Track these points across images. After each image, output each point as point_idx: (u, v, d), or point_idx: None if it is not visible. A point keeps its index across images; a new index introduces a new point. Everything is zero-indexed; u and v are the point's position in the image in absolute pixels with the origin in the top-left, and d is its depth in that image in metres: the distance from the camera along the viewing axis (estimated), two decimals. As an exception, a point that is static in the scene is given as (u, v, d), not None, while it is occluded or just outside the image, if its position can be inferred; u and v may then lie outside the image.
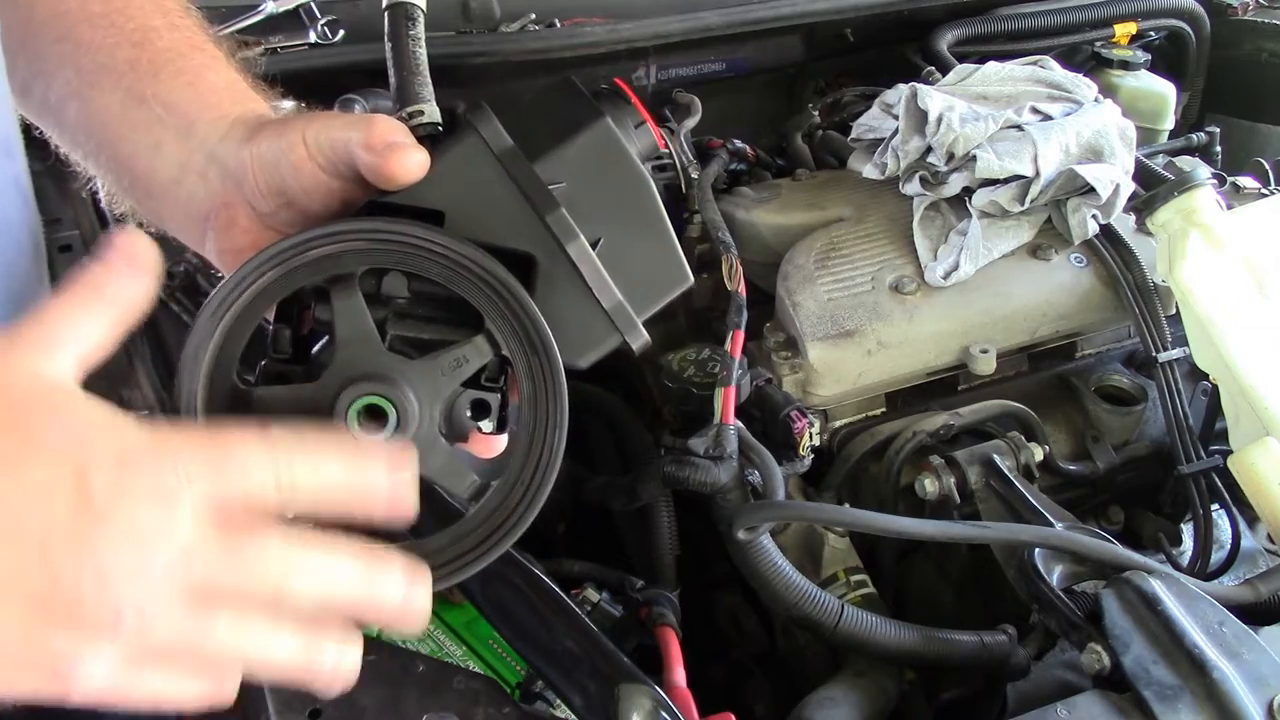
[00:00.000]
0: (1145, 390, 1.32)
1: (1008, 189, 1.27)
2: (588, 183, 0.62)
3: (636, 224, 0.63)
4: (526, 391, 0.61)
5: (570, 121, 0.62)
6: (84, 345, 0.53)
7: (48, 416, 0.48)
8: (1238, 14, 1.86)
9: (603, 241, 0.62)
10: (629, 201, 0.63)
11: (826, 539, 1.13)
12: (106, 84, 0.72)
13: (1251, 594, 1.00)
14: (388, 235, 0.59)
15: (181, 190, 0.70)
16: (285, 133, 0.65)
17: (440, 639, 1.09)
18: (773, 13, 1.62)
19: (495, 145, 0.61)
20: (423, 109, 0.66)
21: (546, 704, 0.95)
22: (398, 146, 0.61)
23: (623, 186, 0.63)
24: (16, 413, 0.47)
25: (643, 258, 0.64)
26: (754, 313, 1.18)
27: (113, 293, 0.54)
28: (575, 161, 0.62)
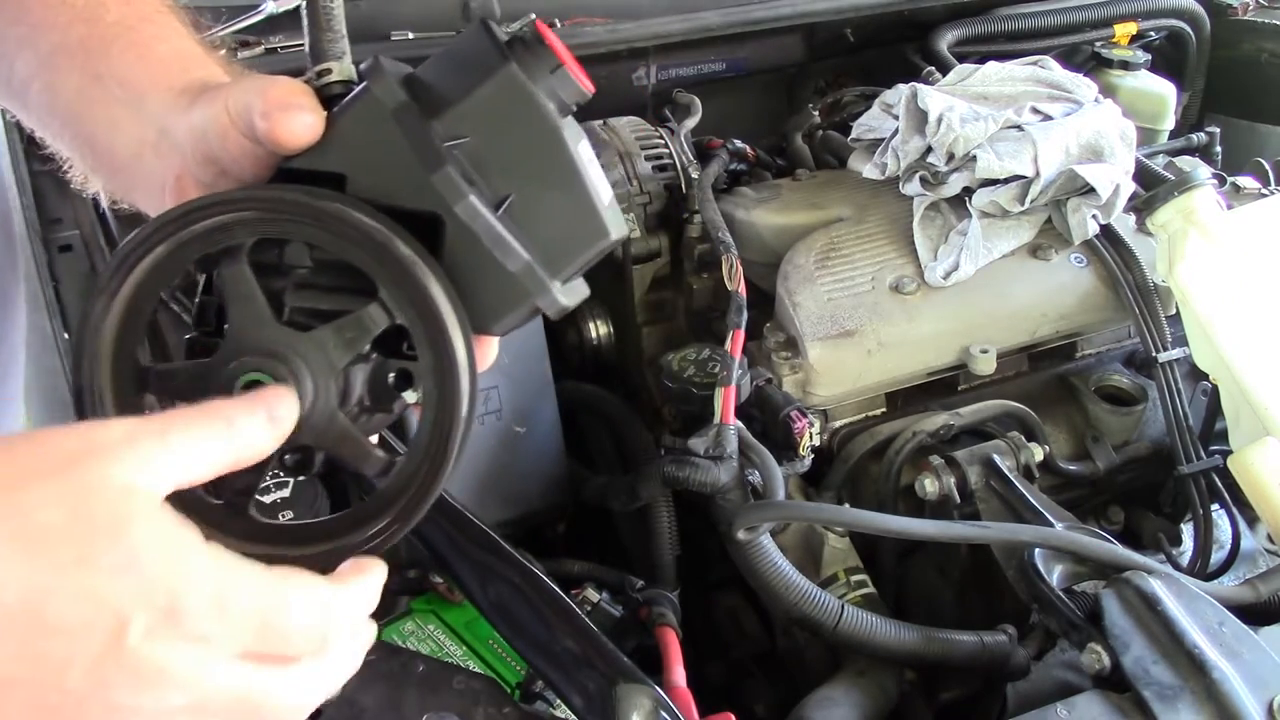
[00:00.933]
0: (1145, 390, 1.32)
1: (1008, 189, 1.27)
2: (494, 136, 0.58)
3: (548, 178, 0.59)
4: (426, 361, 0.58)
5: (476, 70, 0.58)
6: (190, 474, 0.51)
7: (112, 543, 0.46)
8: (1238, 14, 1.86)
9: (513, 198, 0.59)
10: (539, 154, 0.59)
11: (826, 539, 1.13)
12: (63, 64, 0.71)
13: (1251, 594, 1.00)
14: (268, 203, 0.57)
15: (141, 165, 0.69)
16: (214, 100, 0.64)
17: (440, 639, 1.09)
18: (773, 13, 1.62)
19: (390, 101, 0.58)
20: (331, 67, 0.62)
21: (546, 704, 0.95)
22: (286, 109, 0.59)
23: (531, 139, 0.58)
24: (84, 526, 0.46)
25: (558, 213, 0.60)
26: (754, 313, 1.18)
27: (243, 433, 0.53)
28: (479, 114, 0.58)
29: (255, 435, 0.53)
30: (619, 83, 1.64)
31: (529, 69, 0.58)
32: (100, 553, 0.46)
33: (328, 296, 0.60)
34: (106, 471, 0.47)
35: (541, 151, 0.59)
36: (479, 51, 0.59)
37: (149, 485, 0.48)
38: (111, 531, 0.46)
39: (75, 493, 0.46)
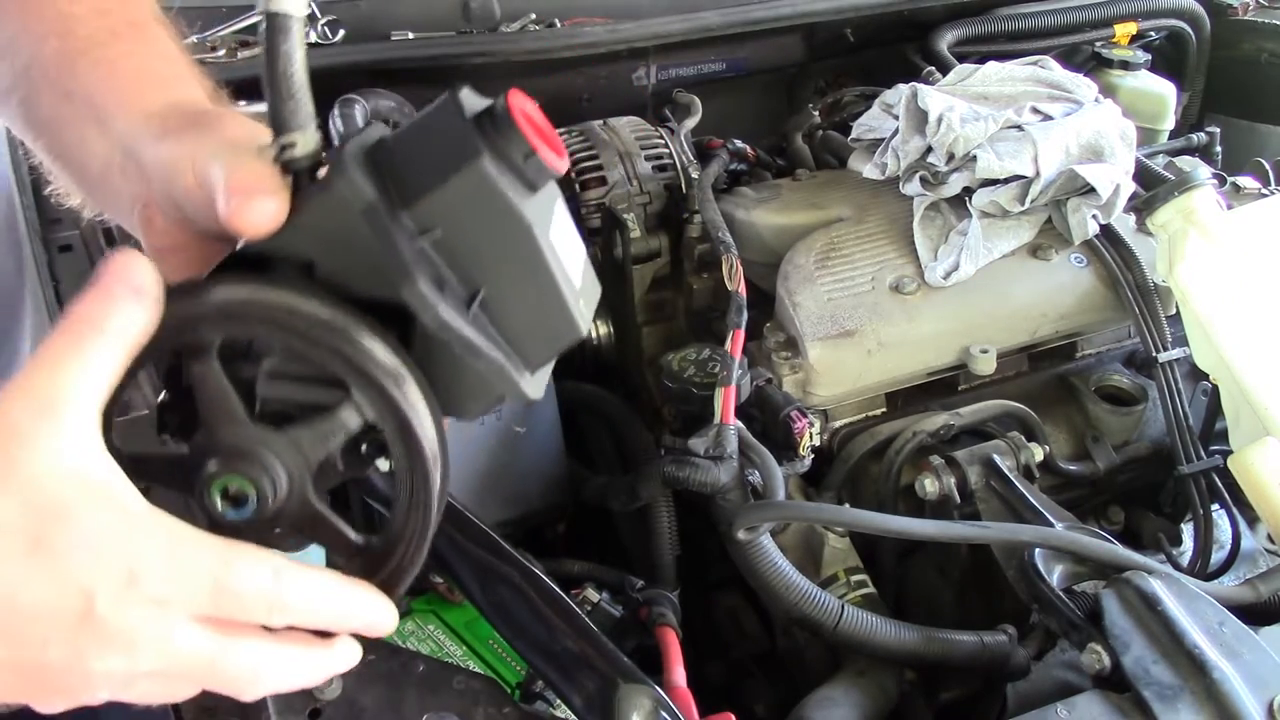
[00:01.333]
0: (1145, 390, 1.32)
1: (1008, 189, 1.27)
2: (465, 228, 0.57)
3: (520, 273, 0.58)
4: (397, 458, 0.58)
5: (446, 158, 0.56)
6: (94, 394, 0.52)
7: (64, 525, 0.49)
8: (1238, 14, 1.86)
9: (484, 293, 0.58)
10: (511, 250, 0.57)
11: (826, 539, 1.13)
12: (37, 78, 0.70)
13: (1251, 594, 1.00)
14: (236, 306, 0.56)
15: (109, 186, 0.68)
16: (181, 144, 0.62)
17: (440, 639, 1.09)
18: (773, 13, 1.62)
19: (356, 202, 0.55)
20: (295, 140, 0.57)
21: (546, 704, 0.95)
22: (249, 196, 0.56)
23: (503, 235, 0.57)
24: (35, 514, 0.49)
25: (530, 308, 0.59)
26: (754, 313, 1.18)
27: (112, 324, 0.53)
28: (450, 206, 0.56)
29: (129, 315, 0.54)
30: (619, 83, 1.64)
31: (500, 156, 0.56)
32: (55, 536, 0.49)
33: (301, 387, 0.59)
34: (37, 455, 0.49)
35: (513, 248, 0.57)
36: (450, 135, 0.57)
37: (79, 450, 0.50)
38: (61, 514, 0.49)
39: (19, 485, 0.48)
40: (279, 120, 0.57)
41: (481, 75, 1.53)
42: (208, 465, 0.57)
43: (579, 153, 1.44)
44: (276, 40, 0.55)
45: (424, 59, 1.48)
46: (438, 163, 0.56)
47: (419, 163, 0.57)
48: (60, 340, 0.52)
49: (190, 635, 0.53)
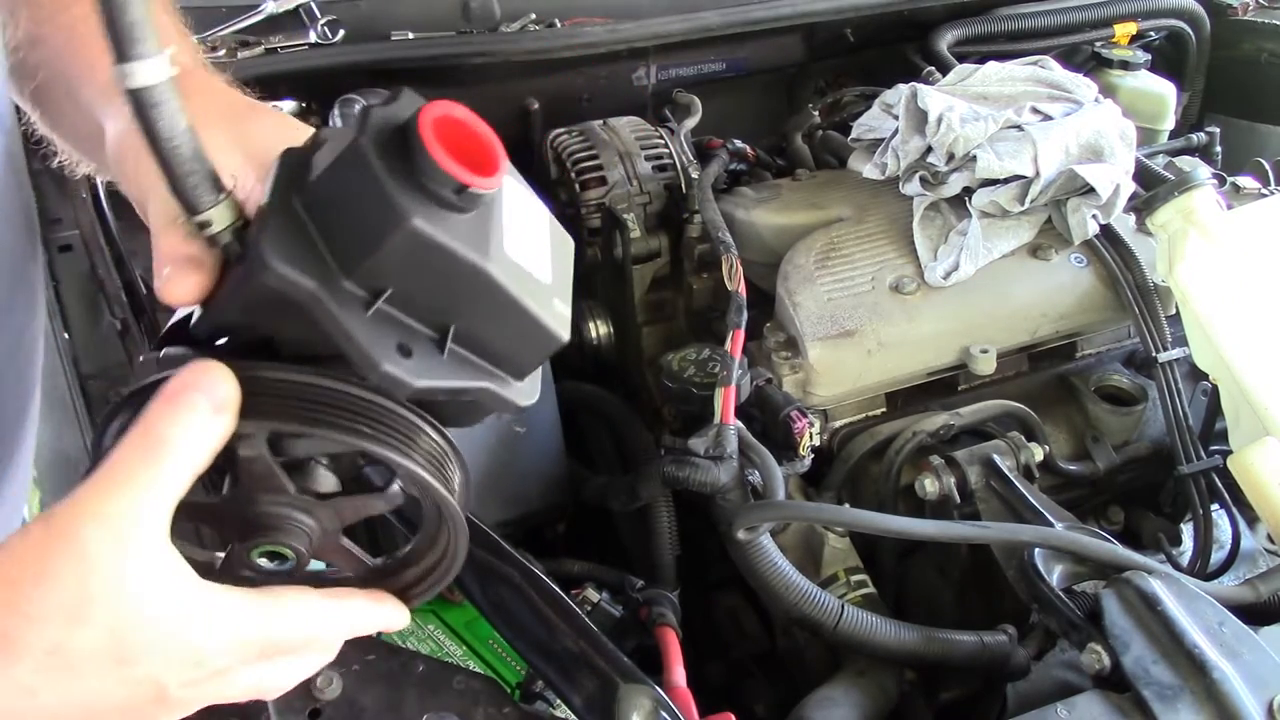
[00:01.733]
0: (1145, 390, 1.32)
1: (1008, 189, 1.27)
2: (414, 279, 0.53)
3: (482, 305, 0.56)
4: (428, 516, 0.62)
5: (373, 220, 0.51)
6: (167, 511, 0.53)
7: (139, 632, 0.52)
8: (1238, 14, 1.86)
9: (454, 327, 0.56)
10: (464, 287, 0.54)
11: (826, 539, 1.13)
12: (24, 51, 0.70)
13: (1251, 594, 1.00)
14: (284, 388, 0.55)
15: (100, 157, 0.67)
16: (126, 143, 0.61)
17: (440, 639, 1.09)
18: (773, 13, 1.62)
19: (294, 292, 0.51)
20: (210, 218, 0.53)
21: (546, 704, 0.95)
22: (170, 276, 0.56)
23: (452, 276, 0.54)
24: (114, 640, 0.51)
25: (504, 330, 0.58)
26: (754, 313, 1.18)
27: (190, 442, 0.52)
28: (391, 264, 0.52)
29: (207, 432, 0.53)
30: (619, 83, 1.64)
31: (430, 200, 0.51)
32: (131, 645, 0.52)
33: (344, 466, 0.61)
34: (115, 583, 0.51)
35: (468, 285, 0.54)
36: (371, 194, 0.51)
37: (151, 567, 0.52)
38: (135, 622, 0.51)
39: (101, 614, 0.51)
40: (185, 202, 0.53)
41: (481, 75, 1.53)
42: (250, 535, 0.59)
43: (579, 153, 1.44)
44: (150, 117, 0.49)
45: (424, 59, 1.48)
46: (366, 225, 0.52)
47: (346, 223, 0.52)
48: (136, 458, 0.52)
49: (245, 679, 0.58)
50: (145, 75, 0.48)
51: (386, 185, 0.50)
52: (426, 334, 0.55)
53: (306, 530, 0.59)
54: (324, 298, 0.51)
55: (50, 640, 0.50)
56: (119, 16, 0.47)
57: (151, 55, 0.48)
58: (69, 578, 0.50)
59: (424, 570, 0.65)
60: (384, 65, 1.46)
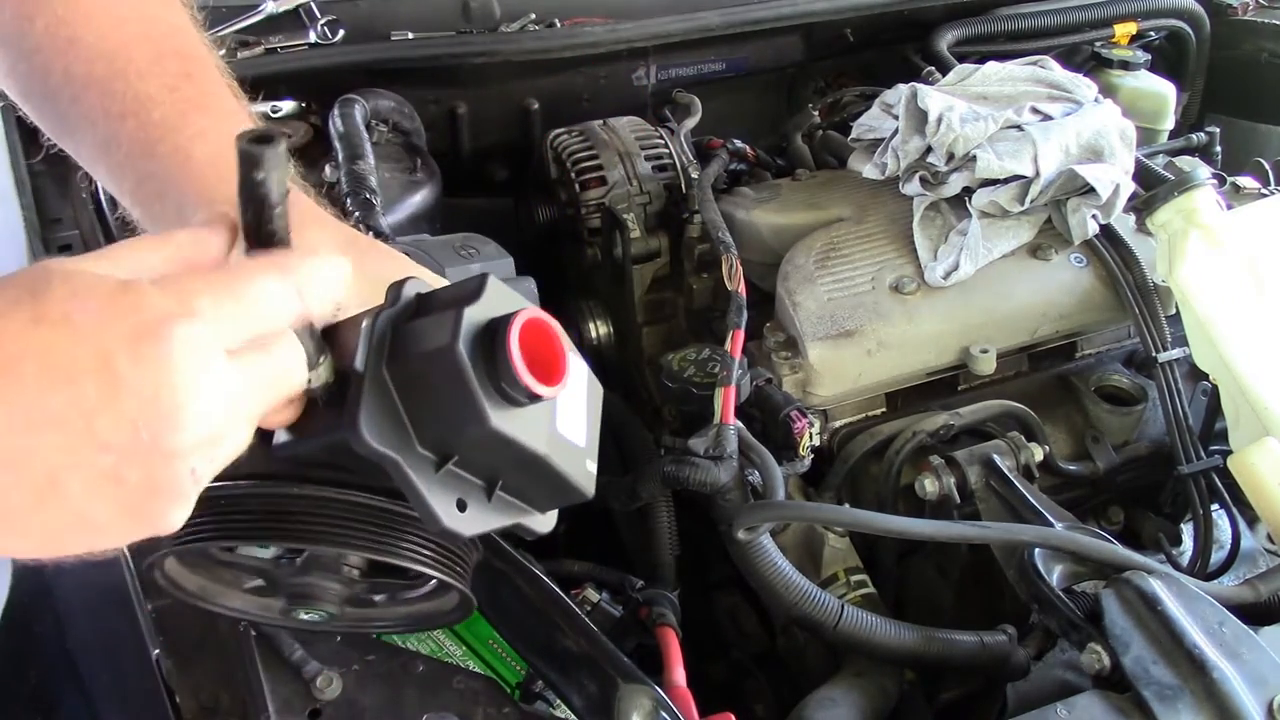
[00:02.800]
0: (1145, 390, 1.32)
1: (1008, 189, 1.27)
2: (479, 456, 0.61)
3: (531, 473, 0.64)
4: None
5: (454, 411, 0.58)
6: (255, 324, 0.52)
7: (68, 300, 0.47)
8: (1238, 14, 1.86)
9: (502, 481, 0.64)
10: (521, 463, 0.62)
11: (826, 539, 1.13)
12: (119, 154, 0.72)
13: (1251, 594, 1.00)
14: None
15: None
16: None
17: (440, 639, 1.09)
18: (773, 13, 1.62)
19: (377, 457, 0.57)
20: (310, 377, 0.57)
21: (546, 704, 0.95)
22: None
23: (513, 457, 0.61)
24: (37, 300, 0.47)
25: (542, 487, 0.67)
26: (754, 313, 1.18)
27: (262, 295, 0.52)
28: (463, 444, 0.60)
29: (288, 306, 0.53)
30: (619, 83, 1.64)
31: (506, 401, 0.58)
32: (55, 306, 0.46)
33: None
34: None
35: (525, 462, 0.62)
36: (457, 389, 0.57)
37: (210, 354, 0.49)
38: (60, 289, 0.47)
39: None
40: None
41: (481, 75, 1.53)
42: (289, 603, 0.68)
43: (579, 153, 1.44)
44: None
45: (424, 59, 1.48)
46: (449, 413, 0.58)
47: (430, 406, 0.58)
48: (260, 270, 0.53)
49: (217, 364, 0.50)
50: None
51: (475, 391, 0.57)
52: (479, 484, 0.63)
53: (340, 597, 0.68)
54: (402, 463, 0.58)
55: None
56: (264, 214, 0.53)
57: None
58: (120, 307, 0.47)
59: None
60: (384, 65, 1.46)
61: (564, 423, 0.65)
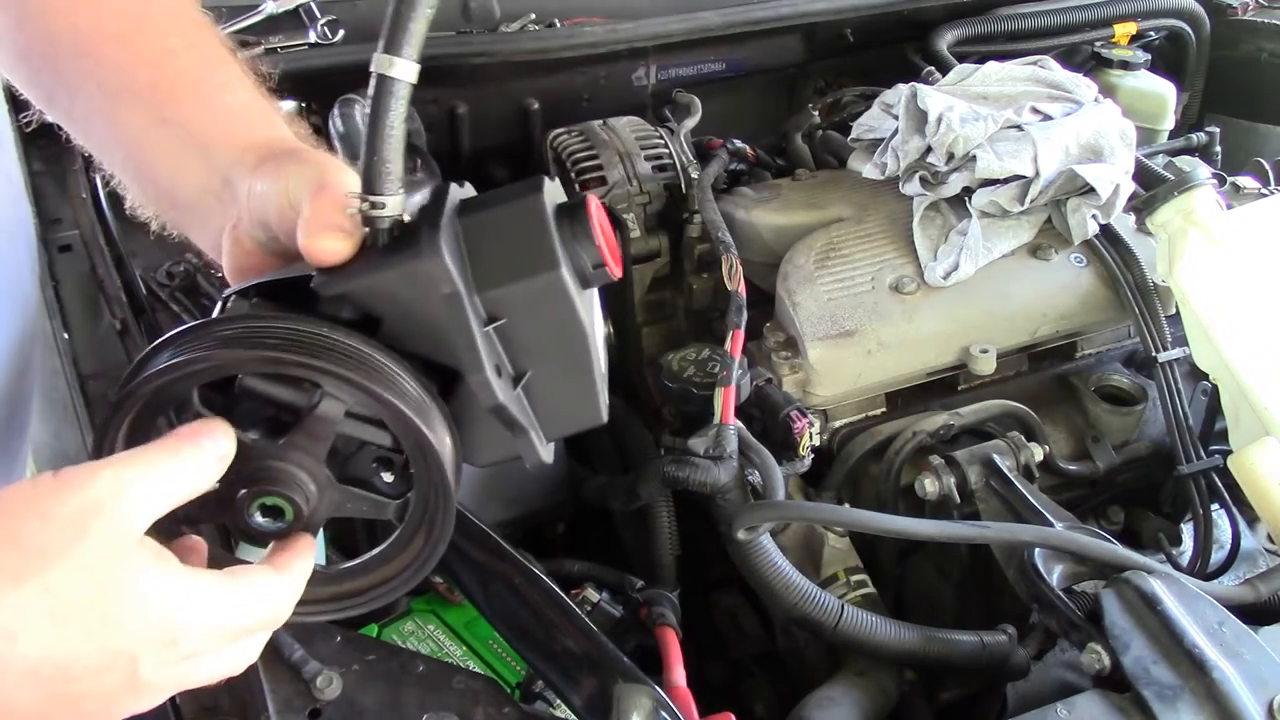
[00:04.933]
0: (1145, 390, 1.32)
1: (1008, 189, 1.27)
2: (528, 322, 0.62)
3: (566, 365, 0.64)
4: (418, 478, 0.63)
5: (525, 258, 0.61)
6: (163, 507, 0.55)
7: (125, 600, 0.53)
8: (1238, 14, 1.86)
9: (530, 375, 0.63)
10: (564, 346, 0.63)
11: (826, 539, 1.13)
12: (128, 103, 0.73)
13: (1251, 594, 1.00)
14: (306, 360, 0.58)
15: (201, 208, 0.72)
16: (279, 174, 0.67)
17: (440, 639, 1.09)
18: (773, 13, 1.62)
19: (443, 286, 0.60)
20: (386, 202, 0.61)
21: (546, 704, 0.95)
22: (320, 230, 0.62)
23: (561, 332, 0.63)
24: (106, 593, 0.52)
25: (564, 394, 0.66)
26: (754, 313, 1.18)
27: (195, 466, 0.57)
28: (519, 301, 0.61)
29: (204, 466, 0.58)
30: (619, 83, 1.64)
31: (573, 262, 0.62)
32: (117, 611, 0.52)
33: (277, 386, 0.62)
34: (114, 531, 0.53)
35: (568, 347, 0.63)
36: (532, 236, 0.61)
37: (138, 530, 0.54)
38: (124, 590, 0.53)
39: (96, 563, 0.52)
40: (372, 177, 0.60)
41: (481, 75, 1.53)
42: (242, 494, 0.61)
43: (579, 152, 1.44)
44: (386, 102, 0.59)
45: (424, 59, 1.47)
46: (515, 259, 0.61)
47: (496, 253, 0.61)
48: (156, 450, 0.56)
49: (211, 667, 0.59)
50: (400, 70, 0.58)
51: (551, 236, 0.61)
52: (508, 370, 0.63)
53: (309, 498, 0.61)
54: (463, 300, 0.59)
55: (44, 580, 0.50)
56: (399, 17, 0.58)
57: (409, 59, 0.58)
58: (75, 518, 0.51)
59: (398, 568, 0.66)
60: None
61: (595, 334, 0.65)
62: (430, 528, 0.64)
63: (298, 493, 0.61)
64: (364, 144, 0.60)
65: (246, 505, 0.61)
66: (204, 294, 1.25)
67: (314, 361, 0.58)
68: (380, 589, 0.66)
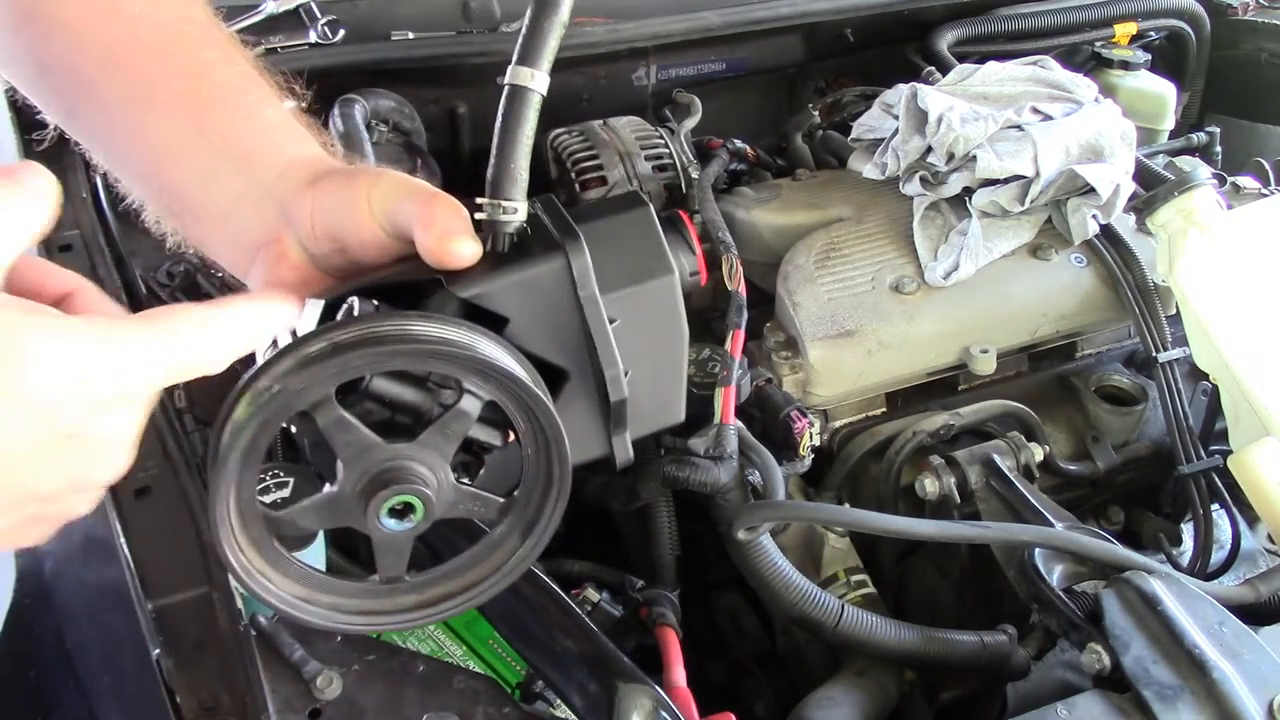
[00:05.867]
0: (1145, 390, 1.32)
1: (1008, 189, 1.27)
2: (638, 323, 0.66)
3: (661, 365, 0.68)
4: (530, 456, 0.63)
5: (643, 263, 0.66)
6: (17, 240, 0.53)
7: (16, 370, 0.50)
8: (1238, 14, 1.86)
9: (629, 375, 0.66)
10: (664, 346, 0.68)
11: (826, 539, 1.13)
12: (161, 114, 0.73)
13: (1251, 594, 1.00)
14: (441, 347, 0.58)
15: (233, 221, 0.72)
16: (350, 187, 0.67)
17: (440, 639, 1.09)
18: (773, 13, 1.62)
19: (581, 286, 0.63)
20: (517, 207, 0.64)
21: (546, 704, 0.95)
22: (453, 233, 0.63)
23: (665, 334, 0.67)
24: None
25: (654, 393, 0.69)
26: (754, 313, 1.18)
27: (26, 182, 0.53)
28: (635, 304, 0.65)
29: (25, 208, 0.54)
30: (619, 83, 1.64)
31: (680, 272, 0.67)
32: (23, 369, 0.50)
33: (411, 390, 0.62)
34: None
35: (666, 347, 0.67)
36: (647, 244, 0.66)
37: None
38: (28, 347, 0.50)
39: None
40: (503, 181, 0.63)
41: (481, 75, 1.53)
42: (373, 497, 0.60)
43: (579, 152, 1.44)
44: (522, 112, 0.63)
45: (424, 59, 1.48)
46: (635, 264, 0.65)
47: (616, 258, 0.65)
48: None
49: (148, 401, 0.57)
50: (537, 83, 0.63)
51: (663, 243, 0.66)
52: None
53: (418, 476, 0.60)
54: (599, 302, 0.63)
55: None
56: (536, 33, 0.65)
57: (546, 71, 0.63)
58: None
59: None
60: (384, 65, 1.46)
61: None
62: (528, 529, 0.65)
63: (431, 489, 0.60)
64: (495, 150, 0.63)
65: (379, 509, 0.60)
66: (204, 294, 1.25)
67: (467, 354, 0.58)
68: (466, 594, 0.66)
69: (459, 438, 0.61)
